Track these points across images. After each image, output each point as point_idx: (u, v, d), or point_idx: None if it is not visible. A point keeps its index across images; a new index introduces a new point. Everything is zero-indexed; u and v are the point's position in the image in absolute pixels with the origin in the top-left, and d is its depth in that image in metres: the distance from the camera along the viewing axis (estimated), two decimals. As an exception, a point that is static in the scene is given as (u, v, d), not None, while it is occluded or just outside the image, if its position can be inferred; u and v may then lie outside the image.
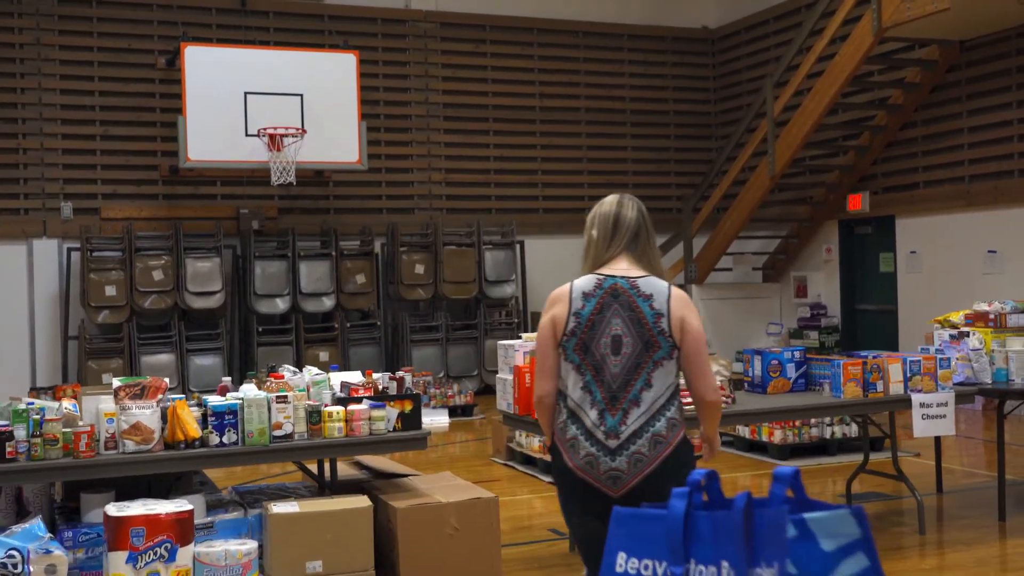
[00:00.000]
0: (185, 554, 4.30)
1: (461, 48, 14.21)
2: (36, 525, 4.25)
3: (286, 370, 5.30)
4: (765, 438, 8.49)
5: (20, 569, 4.02)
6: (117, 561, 4.19)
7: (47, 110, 12.45)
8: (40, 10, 12.38)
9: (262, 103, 11.97)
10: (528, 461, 8.44)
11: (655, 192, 15.10)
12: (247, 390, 4.90)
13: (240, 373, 12.40)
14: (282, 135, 11.83)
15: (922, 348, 6.55)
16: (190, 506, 4.38)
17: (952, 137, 11.92)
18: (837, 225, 13.49)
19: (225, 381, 5.24)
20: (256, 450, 4.71)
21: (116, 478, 4.64)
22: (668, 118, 15.31)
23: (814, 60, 12.08)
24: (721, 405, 3.50)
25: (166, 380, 4.71)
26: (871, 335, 13.08)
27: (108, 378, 11.67)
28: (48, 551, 4.15)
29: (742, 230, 13.50)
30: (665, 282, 3.32)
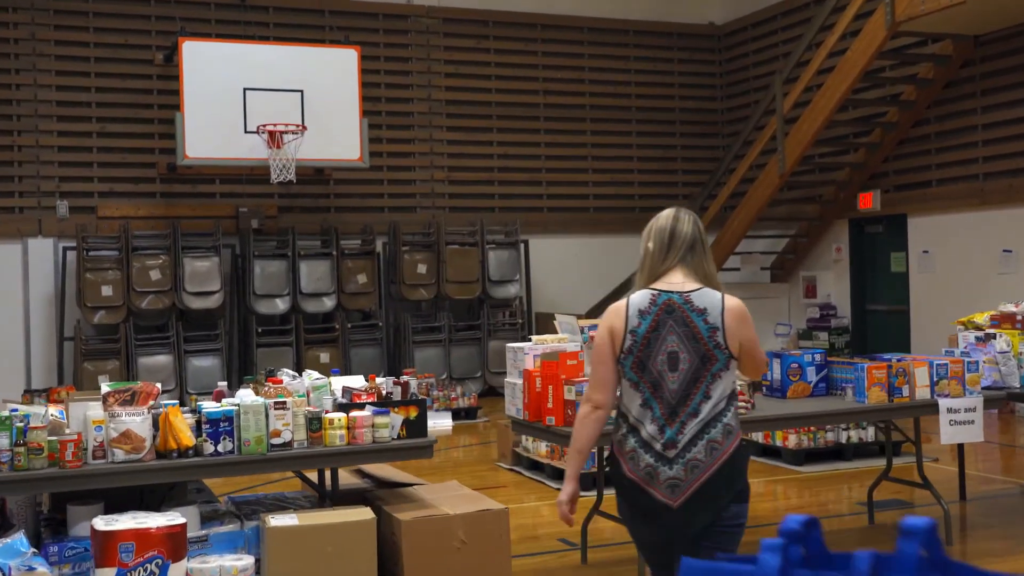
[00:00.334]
0: (177, 570, 4.05)
1: (464, 44, 14.02)
2: (19, 540, 4.00)
3: (285, 374, 5.06)
4: (779, 443, 8.24)
5: (1, 587, 3.79)
6: (105, 578, 3.95)
7: (42, 106, 12.27)
8: (35, 4, 12.19)
9: (262, 99, 11.79)
10: (535, 466, 8.19)
11: (661, 191, 14.93)
12: (244, 396, 4.66)
13: (239, 374, 12.20)
14: (282, 132, 11.66)
15: (946, 351, 6.31)
16: (183, 519, 4.13)
17: (966, 134, 11.69)
18: (847, 224, 13.27)
19: (221, 386, 4.99)
20: (253, 459, 4.47)
21: (106, 488, 4.40)
22: (674, 115, 15.11)
23: (825, 56, 11.86)
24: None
25: (158, 386, 4.47)
26: (882, 336, 12.85)
27: (104, 380, 11.47)
28: (31, 568, 3.91)
29: (750, 229, 13.27)
30: (719, 293, 3.34)
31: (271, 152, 11.63)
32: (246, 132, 11.68)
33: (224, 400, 4.66)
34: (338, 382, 5.07)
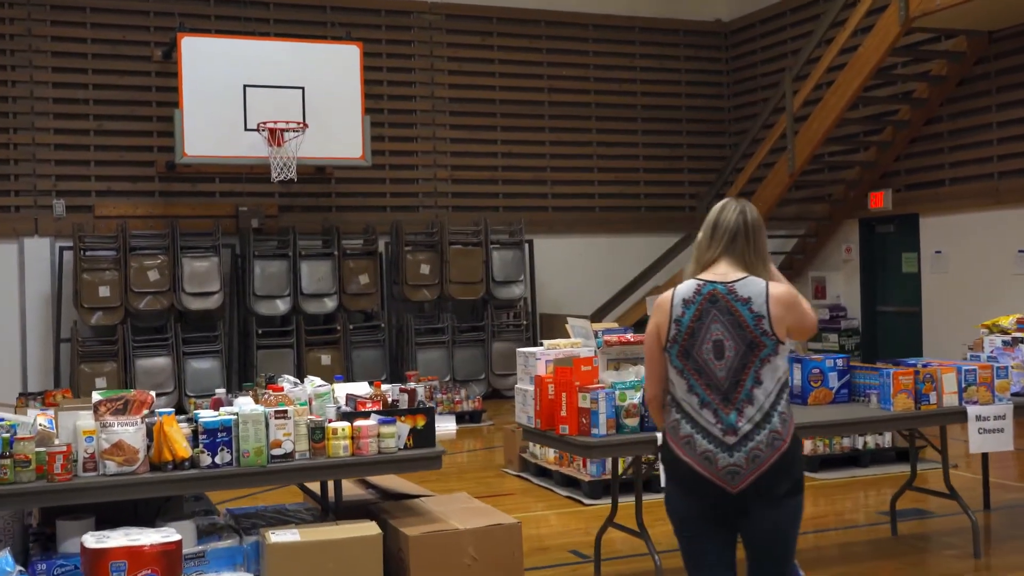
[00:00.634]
0: (172, 590, 3.83)
1: (468, 41, 13.83)
2: (3, 559, 3.77)
3: (286, 381, 4.83)
4: (793, 449, 8.00)
5: (-15, 609, 3.56)
6: (95, 599, 3.72)
7: (39, 104, 12.09)
8: None
9: (262, 96, 11.63)
10: (543, 473, 7.97)
11: (667, 190, 14.78)
12: (243, 404, 4.43)
13: (239, 377, 12.02)
14: (283, 130, 11.50)
15: (971, 355, 6.08)
16: (178, 536, 3.91)
17: (980, 132, 11.48)
18: (857, 224, 13.05)
19: (219, 394, 4.77)
20: (252, 471, 4.25)
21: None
22: (681, 113, 14.92)
23: (836, 52, 11.65)
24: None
25: (152, 394, 4.24)
26: (893, 338, 12.64)
27: (102, 383, 11.28)
28: (17, 588, 3.68)
29: (758, 229, 13.02)
30: (763, 281, 3.37)
31: (272, 150, 11.48)
32: (246, 130, 11.54)
33: (222, 409, 4.44)
34: (342, 389, 4.85)
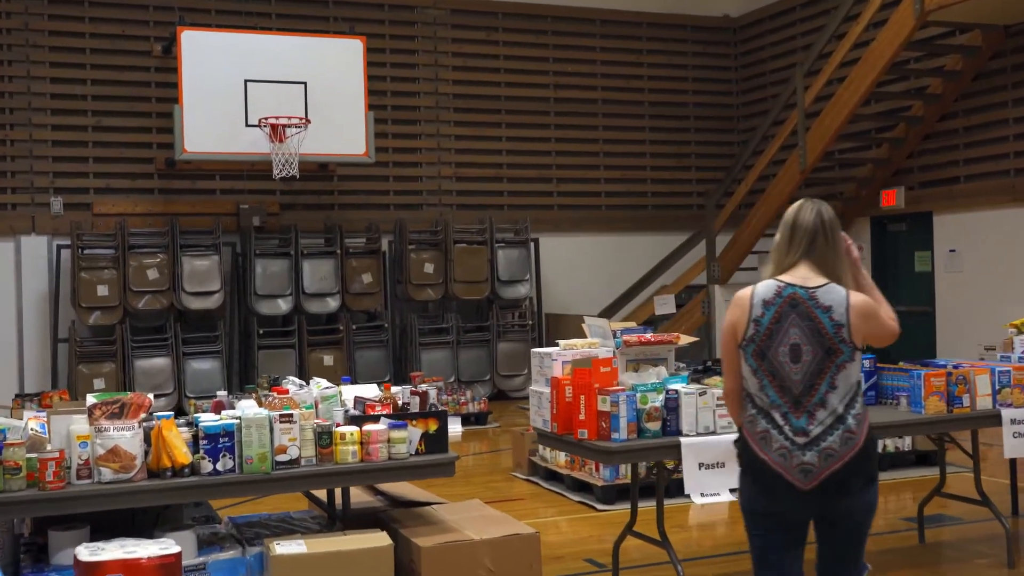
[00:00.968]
0: (171, 605, 3.61)
1: (473, 36, 13.63)
2: (-8, 572, 3.56)
3: (291, 383, 4.61)
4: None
5: (-29, 627, 3.35)
6: (89, 615, 3.50)
7: (36, 99, 11.90)
8: (29, -7, 11.83)
9: (263, 91, 11.46)
10: (553, 476, 7.75)
11: (675, 188, 14.60)
12: (245, 407, 4.21)
13: (240, 378, 11.83)
14: (284, 125, 11.34)
15: (1002, 356, 5.85)
16: (177, 547, 3.69)
17: (996, 128, 11.26)
18: (869, 222, 12.83)
19: (220, 396, 4.54)
20: (256, 479, 4.03)
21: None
22: (688, 110, 14.72)
23: (849, 47, 11.43)
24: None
25: (149, 397, 4.02)
26: (906, 339, 12.31)
27: (100, 383, 11.08)
28: (6, 604, 3.46)
29: (768, 227, 12.83)
30: (844, 290, 3.37)
31: (273, 146, 11.31)
32: (247, 126, 11.38)
33: (224, 412, 4.22)
34: (349, 391, 4.63)
